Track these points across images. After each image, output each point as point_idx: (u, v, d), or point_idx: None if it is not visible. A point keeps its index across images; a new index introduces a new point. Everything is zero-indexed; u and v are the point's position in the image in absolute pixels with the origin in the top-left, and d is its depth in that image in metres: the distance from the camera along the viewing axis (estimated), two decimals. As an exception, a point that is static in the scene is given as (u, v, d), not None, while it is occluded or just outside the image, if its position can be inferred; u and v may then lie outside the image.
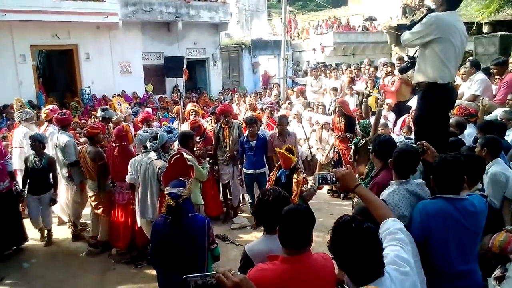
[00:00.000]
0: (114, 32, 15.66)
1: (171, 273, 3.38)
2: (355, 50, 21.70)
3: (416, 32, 3.67)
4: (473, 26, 11.82)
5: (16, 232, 5.89)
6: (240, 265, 2.61)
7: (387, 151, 3.41)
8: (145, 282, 5.08)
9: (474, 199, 2.72)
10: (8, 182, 5.73)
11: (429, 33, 3.56)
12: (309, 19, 28.49)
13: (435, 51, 3.60)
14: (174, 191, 3.28)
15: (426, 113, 3.81)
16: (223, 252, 5.31)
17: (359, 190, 2.48)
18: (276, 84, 14.45)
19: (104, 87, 15.50)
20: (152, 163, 4.86)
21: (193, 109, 7.85)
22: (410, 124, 7.11)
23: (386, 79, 9.25)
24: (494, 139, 4.06)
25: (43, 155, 5.92)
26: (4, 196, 5.68)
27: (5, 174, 5.71)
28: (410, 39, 3.76)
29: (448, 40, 3.54)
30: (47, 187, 6.02)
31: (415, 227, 2.65)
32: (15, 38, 13.65)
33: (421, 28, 3.61)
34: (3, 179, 5.66)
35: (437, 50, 3.59)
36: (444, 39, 3.54)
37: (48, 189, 6.02)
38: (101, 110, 7.28)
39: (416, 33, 3.66)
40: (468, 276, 2.70)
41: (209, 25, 18.60)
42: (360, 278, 1.86)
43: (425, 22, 3.59)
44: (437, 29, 3.52)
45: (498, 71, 6.48)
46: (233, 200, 7.09)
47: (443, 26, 3.53)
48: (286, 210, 2.25)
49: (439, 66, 3.62)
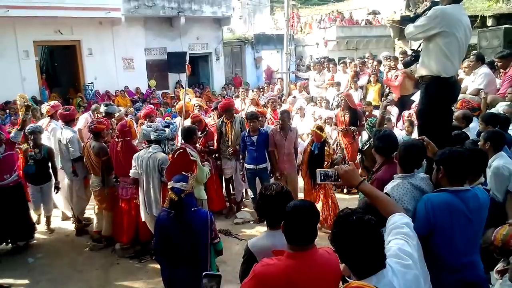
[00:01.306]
0: (116, 27, 15.62)
1: (175, 267, 3.41)
2: (358, 44, 21.58)
3: (420, 26, 3.65)
4: (477, 19, 11.75)
5: (25, 225, 5.93)
6: (243, 260, 2.61)
7: (388, 146, 3.40)
8: (149, 276, 5.11)
9: (477, 191, 2.73)
10: (16, 176, 5.76)
11: (434, 26, 3.53)
12: (312, 13, 28.30)
13: (439, 45, 3.58)
14: (177, 185, 3.29)
15: (429, 107, 3.79)
16: (226, 247, 5.34)
17: (362, 187, 2.47)
18: (279, 79, 14.40)
19: (107, 83, 15.51)
20: (153, 156, 4.88)
21: (197, 104, 7.87)
22: (413, 118, 7.10)
23: (389, 74, 9.22)
24: (498, 132, 4.05)
25: (41, 146, 6.06)
26: (11, 189, 5.71)
27: (11, 167, 5.73)
28: (414, 32, 3.73)
29: (452, 33, 3.52)
30: (48, 177, 6.22)
31: (420, 219, 2.64)
32: (18, 34, 13.64)
33: (426, 22, 3.59)
34: (10, 172, 5.69)
35: (441, 44, 3.57)
36: (448, 32, 3.52)
37: (49, 179, 6.22)
38: (104, 105, 7.29)
39: (421, 27, 3.64)
40: (471, 268, 2.71)
41: (212, 20, 18.55)
42: (361, 270, 1.88)
43: (430, 15, 3.56)
44: (442, 23, 3.50)
45: (503, 64, 6.43)
46: (236, 195, 7.10)
47: (448, 20, 3.51)
48: (291, 206, 2.23)
49: (443, 59, 3.60)
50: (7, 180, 5.64)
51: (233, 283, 4.65)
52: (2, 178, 5.61)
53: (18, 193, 5.85)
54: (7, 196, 5.67)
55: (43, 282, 5.13)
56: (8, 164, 5.67)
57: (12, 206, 5.72)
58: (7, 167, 5.65)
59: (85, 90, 15.28)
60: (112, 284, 5.06)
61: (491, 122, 4.52)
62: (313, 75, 12.21)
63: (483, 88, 6.12)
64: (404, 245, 2.07)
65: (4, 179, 5.62)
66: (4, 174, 5.62)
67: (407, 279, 1.92)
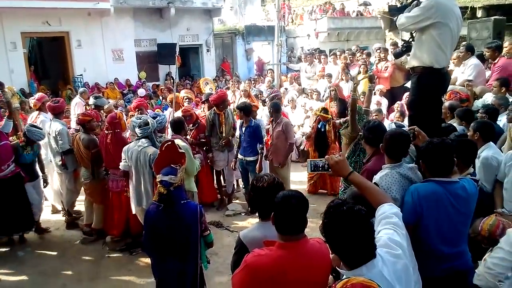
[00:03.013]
0: (105, 18, 15.44)
1: (165, 260, 3.40)
2: (350, 36, 21.56)
3: (414, 16, 3.63)
4: (467, 10, 11.81)
5: (25, 217, 5.74)
6: (235, 251, 2.62)
7: (377, 137, 3.41)
8: (140, 269, 5.11)
9: (465, 182, 2.75)
10: (13, 167, 5.55)
11: (429, 17, 3.53)
12: (303, 4, 28.22)
13: (432, 36, 3.59)
14: (165, 179, 3.26)
15: (420, 98, 3.81)
16: (218, 238, 5.36)
17: (352, 178, 2.47)
18: (270, 70, 14.36)
19: (96, 75, 15.34)
20: (143, 151, 4.84)
21: (186, 96, 7.81)
22: (404, 109, 7.13)
23: (379, 65, 9.23)
24: (487, 123, 4.09)
25: (33, 144, 5.81)
26: (10, 181, 5.52)
27: (8, 157, 5.51)
28: (407, 23, 3.72)
29: (446, 24, 3.53)
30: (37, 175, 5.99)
31: (407, 209, 2.67)
32: (5, 25, 13.43)
33: (420, 12, 3.58)
34: (7, 162, 5.48)
35: (434, 35, 3.57)
36: (442, 23, 3.53)
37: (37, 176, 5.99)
38: (93, 97, 7.22)
39: (415, 17, 3.62)
40: (458, 258, 2.74)
41: (202, 11, 18.37)
42: (352, 260, 1.89)
43: (424, 6, 3.55)
44: (437, 13, 3.50)
45: (491, 55, 6.47)
46: (227, 187, 7.10)
47: (442, 10, 3.51)
48: (280, 196, 2.24)
49: (436, 50, 3.61)
50: (6, 171, 5.45)
51: (224, 274, 4.69)
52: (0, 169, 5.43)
53: (17, 184, 5.63)
54: (7, 187, 5.49)
55: (34, 275, 5.10)
56: (5, 154, 5.48)
57: (12, 198, 5.55)
58: (3, 158, 5.46)
59: (74, 82, 15.11)
60: (102, 277, 5.04)
61: (465, 118, 4.56)
62: (304, 66, 12.20)
63: (473, 79, 6.16)
64: (394, 235, 2.09)
65: (2, 170, 5.42)
66: (1, 165, 5.43)
67: (397, 269, 1.94)
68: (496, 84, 5.58)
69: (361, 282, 1.58)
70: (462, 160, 3.21)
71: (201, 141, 6.78)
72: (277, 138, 6.46)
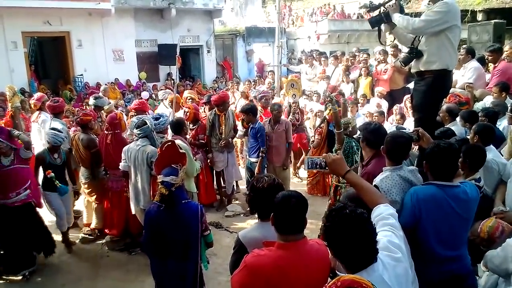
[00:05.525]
0: (106, 19, 15.45)
1: (165, 260, 3.40)
2: (350, 38, 21.59)
3: (432, 20, 3.63)
4: (468, 13, 11.83)
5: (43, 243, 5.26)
6: (234, 251, 2.62)
7: (378, 139, 3.40)
8: (139, 269, 5.10)
9: (467, 186, 2.73)
10: (25, 196, 4.83)
11: (446, 20, 3.56)
12: (304, 6, 28.26)
13: (448, 38, 3.62)
14: (166, 179, 3.27)
15: (432, 100, 3.82)
16: (217, 239, 5.35)
17: (349, 176, 2.47)
18: (271, 72, 14.35)
19: (97, 75, 15.35)
20: (142, 149, 4.85)
21: (189, 96, 7.85)
22: (404, 111, 7.14)
23: (378, 67, 9.24)
24: (487, 126, 4.09)
25: (59, 150, 5.38)
26: (17, 210, 4.82)
27: (20, 183, 4.83)
28: (424, 27, 3.69)
29: (458, 26, 3.59)
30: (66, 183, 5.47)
31: (406, 211, 2.67)
32: (6, 24, 13.44)
33: (439, 16, 3.59)
34: (18, 189, 4.79)
35: (450, 37, 3.62)
36: (457, 26, 3.59)
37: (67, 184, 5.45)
38: (93, 98, 7.21)
39: (432, 21, 3.63)
40: (457, 261, 2.73)
41: (203, 12, 18.39)
42: (353, 264, 1.87)
43: (441, 10, 3.57)
44: (455, 16, 3.54)
45: (493, 58, 6.49)
46: (226, 188, 7.10)
47: (457, 13, 3.56)
48: (279, 197, 2.25)
49: (452, 53, 3.66)
50: (13, 199, 4.76)
51: (223, 275, 4.69)
52: (6, 195, 4.73)
53: (26, 215, 4.94)
54: (13, 217, 4.82)
55: (33, 275, 5.07)
56: (15, 179, 4.79)
57: (18, 231, 4.88)
58: (13, 183, 4.77)
59: (75, 82, 15.14)
60: (102, 276, 5.05)
61: (470, 120, 4.56)
62: (304, 68, 12.18)
63: (472, 82, 6.17)
64: (392, 237, 2.09)
65: (10, 197, 4.73)
66: (10, 192, 4.73)
67: (398, 273, 1.93)
68: (496, 89, 5.60)
69: (351, 278, 1.56)
70: (469, 165, 3.21)
71: (200, 141, 6.79)
72: (279, 139, 6.44)
